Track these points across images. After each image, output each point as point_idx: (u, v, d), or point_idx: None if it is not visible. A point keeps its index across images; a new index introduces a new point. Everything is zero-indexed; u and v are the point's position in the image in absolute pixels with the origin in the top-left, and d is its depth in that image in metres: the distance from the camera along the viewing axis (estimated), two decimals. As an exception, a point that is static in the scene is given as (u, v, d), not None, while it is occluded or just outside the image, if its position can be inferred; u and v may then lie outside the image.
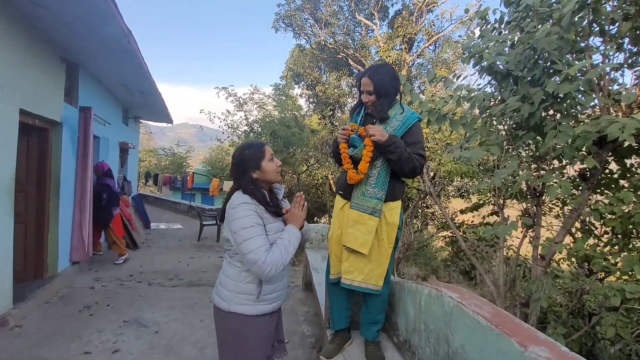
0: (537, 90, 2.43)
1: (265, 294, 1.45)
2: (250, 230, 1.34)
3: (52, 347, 2.64)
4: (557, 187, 2.47)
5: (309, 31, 15.51)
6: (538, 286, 2.69)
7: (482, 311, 1.00)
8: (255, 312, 1.43)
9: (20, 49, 3.02)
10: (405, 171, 1.69)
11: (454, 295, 1.17)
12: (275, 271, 1.34)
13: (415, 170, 1.69)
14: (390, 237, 1.75)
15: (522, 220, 2.97)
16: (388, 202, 1.75)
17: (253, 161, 1.45)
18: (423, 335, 1.42)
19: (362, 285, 1.75)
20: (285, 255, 1.37)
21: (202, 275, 4.80)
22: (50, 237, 3.85)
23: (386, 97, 1.76)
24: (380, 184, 1.74)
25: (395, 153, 1.63)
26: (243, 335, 1.44)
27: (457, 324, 1.11)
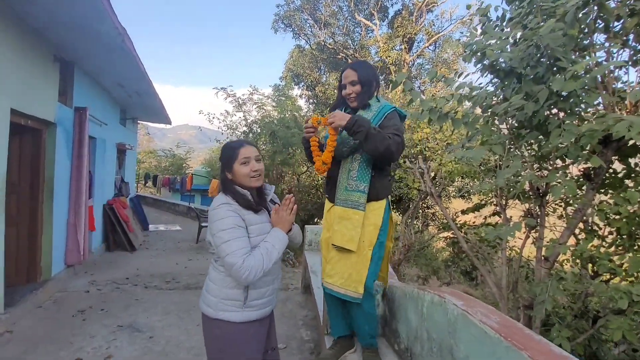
0: (542, 88, 2.36)
1: (252, 300, 1.38)
2: (229, 232, 1.28)
3: (42, 354, 2.56)
4: (561, 187, 2.41)
5: (308, 32, 15.48)
6: (542, 288, 2.62)
7: (489, 320, 0.93)
8: (242, 319, 1.36)
9: (11, 46, 2.95)
10: (380, 151, 1.55)
11: (459, 303, 1.09)
12: (255, 276, 1.26)
13: (390, 149, 1.54)
14: (371, 239, 1.65)
15: (526, 221, 2.90)
16: (371, 202, 1.67)
17: (226, 162, 1.42)
18: (425, 345, 1.35)
19: (341, 290, 1.67)
20: (267, 259, 1.30)
21: (200, 278, 4.72)
22: (44, 240, 3.78)
23: (369, 87, 1.76)
24: (362, 177, 1.67)
25: (361, 132, 1.54)
26: (231, 344, 1.37)
27: (462, 334, 1.04)
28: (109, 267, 5.00)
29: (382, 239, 1.68)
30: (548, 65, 2.50)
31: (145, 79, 4.91)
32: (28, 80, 3.22)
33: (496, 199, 4.13)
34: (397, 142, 1.58)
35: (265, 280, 1.40)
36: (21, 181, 3.63)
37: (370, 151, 1.58)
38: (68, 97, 4.23)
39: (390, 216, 1.76)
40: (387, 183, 1.75)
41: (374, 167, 1.68)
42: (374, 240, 1.64)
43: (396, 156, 1.60)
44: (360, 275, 1.63)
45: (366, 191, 1.64)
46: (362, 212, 1.63)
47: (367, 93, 1.75)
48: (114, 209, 5.99)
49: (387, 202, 1.73)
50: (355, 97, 1.76)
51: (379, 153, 1.56)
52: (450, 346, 1.10)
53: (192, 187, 12.98)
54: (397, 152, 1.59)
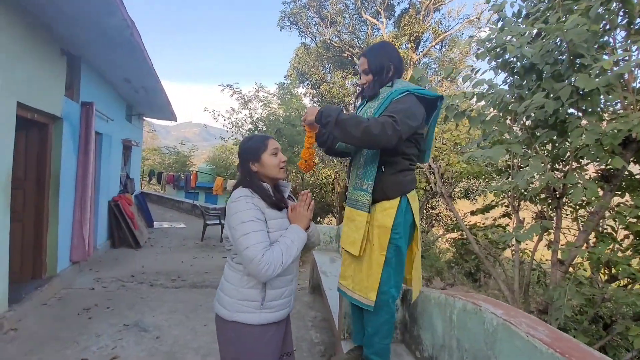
0: (564, 86, 2.28)
1: (270, 300, 1.31)
2: (249, 224, 1.24)
3: (47, 353, 2.51)
4: (581, 188, 2.32)
5: (314, 29, 15.39)
6: (560, 293, 2.54)
7: (537, 333, 0.85)
8: (259, 321, 1.30)
9: (17, 39, 2.89)
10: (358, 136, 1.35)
11: (498, 312, 1.02)
12: (274, 272, 1.22)
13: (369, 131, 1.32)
14: (382, 242, 1.49)
15: (543, 223, 2.82)
16: (382, 202, 1.52)
17: (253, 153, 1.38)
18: (455, 354, 1.27)
19: (354, 295, 1.57)
20: (286, 255, 1.25)
21: (206, 277, 4.67)
22: (49, 236, 3.74)
23: (380, 75, 1.60)
24: (366, 174, 1.54)
25: (329, 122, 1.39)
26: (246, 347, 1.31)
27: (503, 346, 0.96)
28: (114, 264, 4.96)
29: (399, 242, 1.49)
30: (569, 62, 2.42)
31: (153, 74, 4.86)
32: (34, 74, 3.17)
33: (508, 200, 4.04)
34: (382, 123, 1.34)
35: (283, 280, 1.35)
36: (27, 176, 3.59)
37: (348, 140, 1.43)
38: (75, 91, 4.18)
39: (412, 216, 1.55)
40: (402, 179, 1.53)
41: (383, 163, 1.52)
42: (385, 244, 1.48)
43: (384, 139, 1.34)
44: (370, 281, 1.50)
45: (369, 190, 1.50)
46: (365, 213, 1.50)
47: (377, 82, 1.61)
48: (119, 205, 5.96)
49: (405, 201, 1.52)
50: (367, 87, 1.64)
51: (358, 140, 1.37)
52: (488, 358, 1.03)
53: (197, 185, 12.94)
54: (382, 134, 1.33)
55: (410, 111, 1.43)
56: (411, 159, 1.59)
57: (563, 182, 2.50)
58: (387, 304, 1.52)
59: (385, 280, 1.50)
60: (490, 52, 2.74)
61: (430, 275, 11.23)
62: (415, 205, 1.56)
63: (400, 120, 1.37)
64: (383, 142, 1.36)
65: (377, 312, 1.52)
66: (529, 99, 2.29)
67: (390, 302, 1.52)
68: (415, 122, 1.45)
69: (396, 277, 1.53)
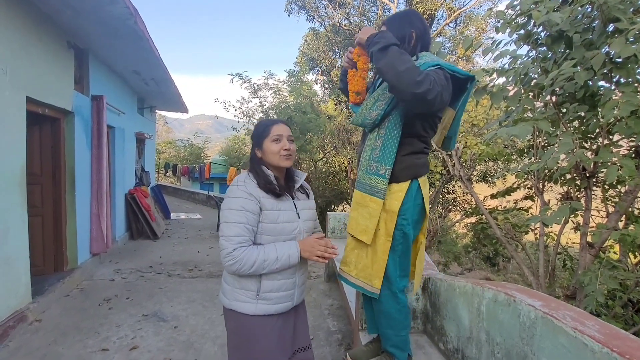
0: (596, 54, 2.08)
1: (266, 292, 1.26)
2: (234, 214, 1.21)
3: (69, 344, 2.56)
4: (616, 166, 2.14)
5: (322, 13, 14.99)
6: (591, 278, 2.39)
7: (586, 328, 0.75)
8: (255, 312, 1.26)
9: (23, 33, 2.87)
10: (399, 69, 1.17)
11: (537, 304, 0.91)
12: (238, 270, 1.19)
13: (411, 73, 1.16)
14: (388, 227, 1.38)
15: (572, 204, 2.65)
16: (390, 184, 1.39)
17: (257, 139, 1.35)
18: (484, 348, 1.18)
19: (357, 282, 1.47)
20: (260, 264, 1.19)
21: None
22: (68, 230, 3.81)
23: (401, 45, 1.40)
24: (384, 158, 1.38)
25: (378, 43, 1.24)
26: (245, 338, 1.28)
27: (544, 342, 0.85)
28: (132, 255, 5.05)
29: (405, 228, 1.38)
30: (602, 28, 2.21)
31: (161, 64, 4.81)
32: (42, 68, 3.16)
33: (532, 182, 3.84)
34: (427, 74, 1.19)
35: (282, 272, 1.28)
36: (43, 172, 3.64)
37: (386, 72, 1.21)
38: (84, 85, 4.18)
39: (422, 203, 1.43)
40: (415, 161, 1.41)
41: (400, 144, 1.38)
42: (391, 230, 1.38)
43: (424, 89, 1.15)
44: (375, 269, 1.41)
45: (387, 176, 1.37)
46: (381, 200, 1.38)
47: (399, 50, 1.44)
48: (135, 198, 6.04)
49: (416, 185, 1.40)
50: None
51: (397, 75, 1.17)
52: (524, 354, 0.93)
53: (211, 176, 13.07)
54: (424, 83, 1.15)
55: (442, 84, 1.24)
56: (426, 142, 1.45)
57: (595, 160, 2.32)
58: (395, 294, 1.42)
59: (391, 268, 1.41)
60: (512, 23, 2.53)
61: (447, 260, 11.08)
62: (426, 190, 1.44)
63: (439, 82, 1.20)
64: (419, 91, 1.15)
65: (385, 302, 1.44)
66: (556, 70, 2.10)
67: (398, 292, 1.43)
68: (446, 98, 1.28)
69: (403, 266, 1.44)
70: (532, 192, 4.04)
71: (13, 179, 2.75)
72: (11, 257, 2.70)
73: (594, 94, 2.31)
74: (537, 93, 2.55)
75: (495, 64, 2.65)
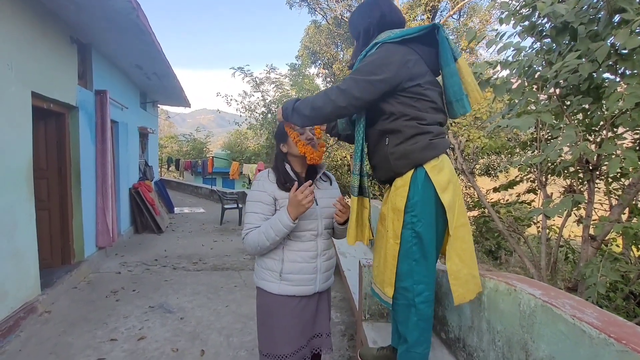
0: (601, 45, 2.06)
1: (288, 273, 1.35)
2: (251, 205, 1.36)
3: (79, 334, 2.62)
4: (619, 159, 2.14)
5: (324, 5, 14.84)
6: (593, 270, 2.41)
7: (585, 316, 0.77)
8: (278, 291, 1.36)
9: (28, 28, 2.88)
10: (310, 115, 1.23)
11: (536, 292, 0.93)
12: (252, 251, 1.34)
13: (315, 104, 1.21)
14: (394, 228, 1.21)
15: (574, 197, 2.66)
16: (395, 180, 1.25)
17: (281, 134, 1.43)
18: (485, 337, 1.20)
19: (375, 287, 1.35)
20: (260, 238, 1.29)
21: (226, 259, 4.75)
22: (74, 223, 3.86)
23: (359, 40, 1.36)
24: (356, 154, 1.32)
25: (288, 115, 1.30)
26: (268, 315, 1.39)
27: (544, 330, 0.88)
28: (138, 248, 5.11)
29: (416, 227, 1.18)
30: (607, 19, 2.20)
31: (163, 58, 4.81)
32: (46, 64, 3.17)
33: (534, 175, 3.84)
34: (325, 92, 1.21)
35: (302, 255, 1.36)
36: (49, 166, 3.68)
37: (309, 122, 1.29)
38: (88, 80, 4.19)
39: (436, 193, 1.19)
40: (411, 147, 1.20)
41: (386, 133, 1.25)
42: (398, 230, 1.21)
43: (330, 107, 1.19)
44: (387, 275, 1.25)
45: (357, 172, 1.31)
46: (355, 198, 1.33)
47: (358, 49, 1.35)
48: (139, 192, 6.09)
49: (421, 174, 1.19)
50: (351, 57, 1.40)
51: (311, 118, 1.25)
52: (524, 341, 0.95)
53: (213, 170, 13.11)
54: (327, 103, 1.19)
55: (370, 65, 1.18)
56: (418, 117, 1.22)
57: (599, 152, 2.32)
58: (414, 304, 1.22)
59: (405, 273, 1.22)
60: (516, 14, 2.52)
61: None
62: (440, 178, 1.19)
63: (349, 79, 1.18)
64: (331, 109, 1.19)
65: (402, 312, 1.27)
66: (560, 62, 2.09)
67: (418, 302, 1.22)
68: (382, 73, 1.16)
69: (423, 271, 1.22)
70: (535, 186, 4.04)
71: (20, 174, 2.79)
72: (20, 250, 2.75)
73: (599, 86, 2.30)
74: (540, 85, 2.54)
75: (499, 56, 2.63)
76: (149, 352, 2.42)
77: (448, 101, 1.30)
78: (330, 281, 1.47)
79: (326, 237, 1.43)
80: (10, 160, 2.66)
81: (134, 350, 2.43)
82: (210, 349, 2.48)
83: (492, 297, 1.17)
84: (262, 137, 12.12)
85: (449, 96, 1.28)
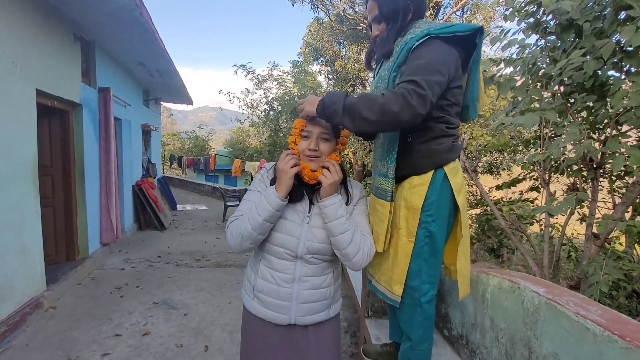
0: (607, 42, 2.05)
1: (259, 291, 1.16)
2: (248, 193, 1.20)
3: (84, 329, 2.65)
4: (623, 157, 2.14)
5: (327, 2, 14.77)
6: (596, 268, 2.41)
7: (588, 313, 0.77)
8: (249, 307, 1.19)
9: (32, 26, 2.89)
10: (377, 120, 1.03)
11: (540, 290, 0.94)
12: (233, 242, 1.11)
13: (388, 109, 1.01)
14: (410, 226, 1.21)
15: (578, 195, 2.65)
16: (411, 177, 1.22)
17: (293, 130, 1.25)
18: (488, 334, 1.21)
19: (379, 287, 1.32)
20: (244, 222, 1.08)
21: (229, 256, 4.78)
22: (79, 220, 3.89)
23: (395, 22, 1.20)
24: (386, 156, 1.22)
25: (335, 112, 1.05)
26: (244, 330, 1.24)
27: (547, 327, 0.88)
28: (141, 245, 5.15)
29: (431, 226, 1.19)
30: (613, 16, 2.18)
31: (165, 56, 4.82)
32: (50, 61, 3.19)
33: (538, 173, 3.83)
34: (402, 95, 1.01)
35: (276, 275, 1.14)
36: (53, 163, 3.70)
37: (365, 128, 1.07)
38: (91, 77, 4.21)
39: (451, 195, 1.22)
40: (436, 148, 1.20)
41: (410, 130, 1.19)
42: (413, 229, 1.20)
43: (409, 113, 1.01)
44: (396, 272, 1.24)
45: (391, 176, 1.21)
46: (388, 203, 1.23)
47: (392, 32, 1.21)
48: (143, 189, 6.12)
49: (441, 175, 1.19)
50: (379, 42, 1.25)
51: (377, 124, 1.04)
52: (527, 339, 0.96)
53: (216, 168, 13.15)
54: (405, 109, 1.01)
55: (435, 63, 1.07)
56: (447, 121, 1.21)
57: (603, 150, 2.31)
58: (419, 303, 1.24)
59: (414, 272, 1.23)
60: (521, 11, 2.50)
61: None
62: (457, 180, 1.23)
63: (423, 81, 1.02)
64: (408, 118, 1.02)
65: (407, 311, 1.27)
66: (565, 59, 2.08)
67: (423, 301, 1.24)
68: (445, 74, 1.09)
69: (430, 270, 1.24)
70: (538, 184, 4.03)
71: (26, 171, 2.81)
72: (27, 247, 2.78)
73: (604, 84, 2.29)
74: (545, 83, 2.53)
75: (503, 54, 2.63)
76: (153, 347, 2.44)
77: (464, 105, 1.29)
78: (317, 316, 1.18)
79: (311, 263, 1.15)
80: (16, 157, 2.68)
81: (139, 345, 2.46)
82: (214, 344, 2.51)
83: (496, 295, 1.18)
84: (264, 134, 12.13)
85: (467, 100, 1.28)
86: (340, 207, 1.08)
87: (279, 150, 10.01)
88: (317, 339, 1.18)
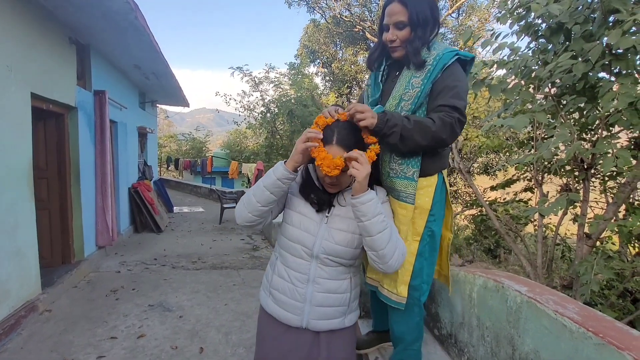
0: (595, 45, 2.09)
1: (274, 288, 1.15)
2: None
3: (79, 332, 2.65)
4: (612, 158, 2.17)
5: (323, 4, 14.83)
6: (587, 268, 2.44)
7: (566, 311, 0.80)
8: (264, 305, 1.18)
9: (27, 29, 2.90)
10: (426, 144, 1.14)
11: (522, 289, 0.96)
12: (239, 214, 1.08)
13: (438, 137, 1.12)
14: (417, 226, 1.24)
15: (569, 196, 2.69)
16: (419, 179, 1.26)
17: None
18: (475, 332, 1.23)
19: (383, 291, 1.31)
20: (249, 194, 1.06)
21: (225, 258, 4.78)
22: (74, 223, 3.88)
23: (424, 31, 1.20)
24: (409, 158, 1.23)
25: (394, 133, 1.10)
26: (259, 329, 1.23)
27: (528, 325, 0.91)
28: (137, 248, 5.14)
29: (434, 226, 1.26)
30: (602, 19, 2.22)
31: (161, 58, 4.82)
32: (45, 64, 3.19)
33: (531, 174, 3.87)
34: (450, 124, 1.11)
35: (289, 273, 1.13)
36: (49, 166, 3.70)
37: (410, 148, 1.16)
38: (86, 80, 4.21)
39: (447, 197, 1.31)
40: (442, 152, 1.29)
41: None
42: (420, 228, 1.23)
43: (452, 139, 1.16)
44: (402, 273, 1.24)
45: (416, 178, 1.23)
46: (411, 206, 1.23)
47: (420, 40, 1.19)
48: (139, 191, 6.11)
49: (441, 178, 1.28)
50: (400, 46, 1.22)
51: (424, 147, 1.16)
52: (511, 336, 0.98)
53: (213, 170, 13.13)
54: (452, 136, 1.14)
55: (465, 88, 1.19)
56: None
57: (592, 152, 2.35)
58: (419, 302, 1.27)
59: (417, 272, 1.25)
60: (513, 14, 2.54)
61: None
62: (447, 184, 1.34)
63: (463, 109, 1.16)
64: (451, 141, 1.18)
65: (408, 312, 1.26)
66: (555, 62, 2.12)
67: (423, 300, 1.28)
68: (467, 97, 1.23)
69: (429, 269, 1.28)
70: (532, 184, 4.07)
71: (21, 174, 2.81)
72: (22, 250, 2.78)
73: (594, 86, 2.33)
74: (536, 85, 2.57)
75: (494, 56, 2.66)
76: (148, 349, 2.44)
77: None
78: (331, 322, 1.13)
79: (326, 265, 1.11)
80: (11, 160, 2.68)
81: (134, 348, 2.46)
82: (209, 346, 2.51)
83: (482, 294, 1.20)
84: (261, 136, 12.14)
85: None
86: (378, 202, 1.00)
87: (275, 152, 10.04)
88: (328, 348, 1.14)
